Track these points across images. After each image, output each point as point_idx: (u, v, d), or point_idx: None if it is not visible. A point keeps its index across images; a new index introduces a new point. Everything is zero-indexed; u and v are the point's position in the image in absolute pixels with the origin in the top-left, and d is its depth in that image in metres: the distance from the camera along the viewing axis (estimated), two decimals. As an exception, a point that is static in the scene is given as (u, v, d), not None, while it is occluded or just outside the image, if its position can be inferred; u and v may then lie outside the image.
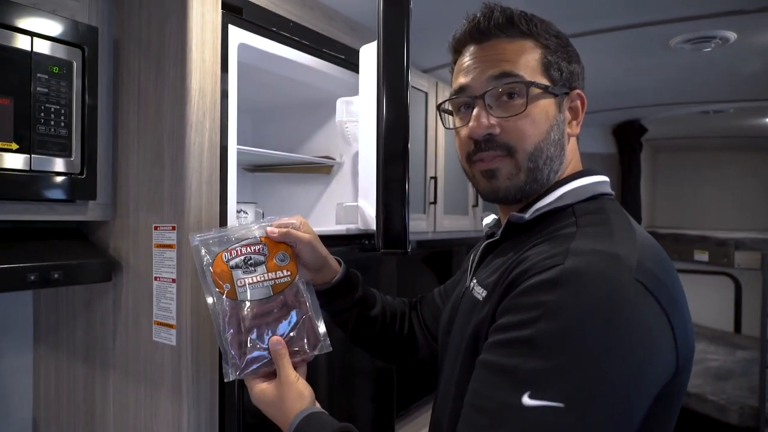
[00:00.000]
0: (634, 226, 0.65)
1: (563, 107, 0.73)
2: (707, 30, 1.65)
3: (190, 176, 1.05)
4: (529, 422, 0.48)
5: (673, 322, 0.55)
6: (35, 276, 1.04)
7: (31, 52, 1.01)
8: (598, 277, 0.53)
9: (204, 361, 1.07)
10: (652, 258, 0.59)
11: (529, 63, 0.70)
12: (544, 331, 0.51)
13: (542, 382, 0.49)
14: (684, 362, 0.58)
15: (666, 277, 0.58)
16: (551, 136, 0.71)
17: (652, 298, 0.54)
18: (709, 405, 2.94)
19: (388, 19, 0.87)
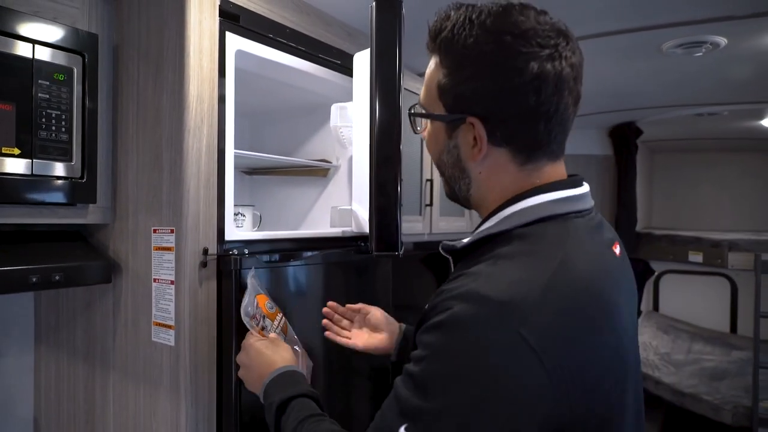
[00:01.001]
0: (568, 262, 0.58)
1: (456, 134, 0.68)
2: (698, 35, 1.68)
3: (189, 180, 1.07)
4: None
5: (554, 382, 0.53)
6: (36, 278, 1.06)
7: (33, 58, 1.03)
8: (479, 329, 0.54)
9: (202, 362, 1.09)
10: (553, 308, 0.55)
11: (431, 85, 0.70)
12: (427, 372, 0.55)
13: (418, 419, 0.54)
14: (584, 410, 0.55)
15: (562, 333, 0.54)
16: (444, 159, 0.71)
17: (533, 356, 0.52)
18: (704, 405, 2.97)
19: (381, 26, 0.90)
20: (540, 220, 0.63)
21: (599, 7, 1.51)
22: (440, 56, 0.67)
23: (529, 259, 0.59)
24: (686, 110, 2.80)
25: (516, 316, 0.53)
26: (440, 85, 0.67)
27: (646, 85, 2.39)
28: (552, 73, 0.61)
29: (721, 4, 1.48)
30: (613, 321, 0.60)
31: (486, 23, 0.63)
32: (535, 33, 0.62)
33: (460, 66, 0.65)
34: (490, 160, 0.67)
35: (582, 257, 0.60)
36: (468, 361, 0.54)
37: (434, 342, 0.56)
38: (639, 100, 2.71)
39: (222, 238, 1.14)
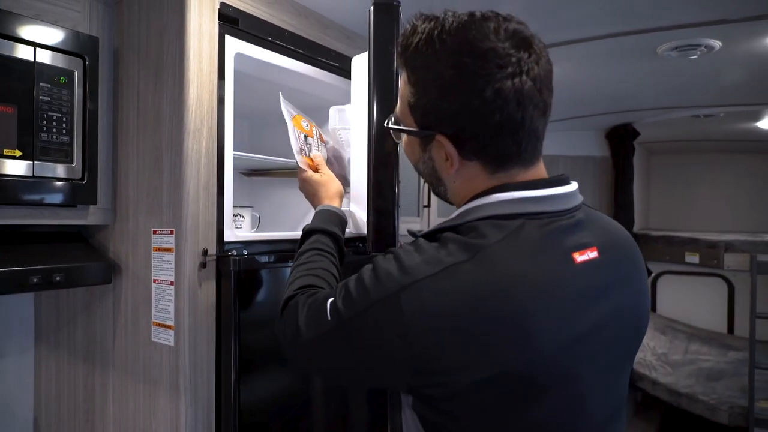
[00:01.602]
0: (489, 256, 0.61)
1: (429, 148, 0.71)
2: (693, 38, 1.69)
3: (188, 182, 1.08)
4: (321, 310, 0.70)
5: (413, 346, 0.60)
6: (37, 278, 1.07)
7: (34, 61, 1.04)
8: (383, 275, 0.64)
9: (201, 361, 1.10)
10: (444, 289, 0.60)
11: (403, 99, 0.73)
12: (348, 285, 0.69)
13: (334, 302, 0.68)
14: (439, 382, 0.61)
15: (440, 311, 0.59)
16: (420, 168, 0.77)
17: (399, 317, 0.60)
18: (700, 405, 2.98)
19: (378, 29, 0.91)
20: (486, 218, 0.65)
21: (596, 10, 1.52)
22: (407, 72, 0.70)
23: (454, 245, 0.63)
24: (683, 112, 2.82)
25: (407, 281, 0.61)
26: (410, 103, 0.70)
27: (642, 87, 2.40)
28: (512, 91, 0.62)
29: (715, 7, 1.49)
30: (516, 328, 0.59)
31: (447, 43, 0.64)
32: (494, 53, 0.62)
33: (425, 86, 0.67)
34: (463, 171, 0.69)
35: (507, 257, 0.61)
36: (363, 293, 0.65)
37: (363, 269, 0.69)
38: (636, 101, 2.72)
39: (221, 239, 1.15)
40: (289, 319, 0.77)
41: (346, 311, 0.67)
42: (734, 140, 3.82)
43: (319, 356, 0.74)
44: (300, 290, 0.81)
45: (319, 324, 0.70)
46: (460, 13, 0.67)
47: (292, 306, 0.78)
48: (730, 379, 3.17)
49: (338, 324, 0.67)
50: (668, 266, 3.91)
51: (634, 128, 3.27)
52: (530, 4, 1.50)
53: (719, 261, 2.95)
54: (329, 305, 0.69)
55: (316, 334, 0.71)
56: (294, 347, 0.75)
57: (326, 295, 0.72)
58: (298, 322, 0.73)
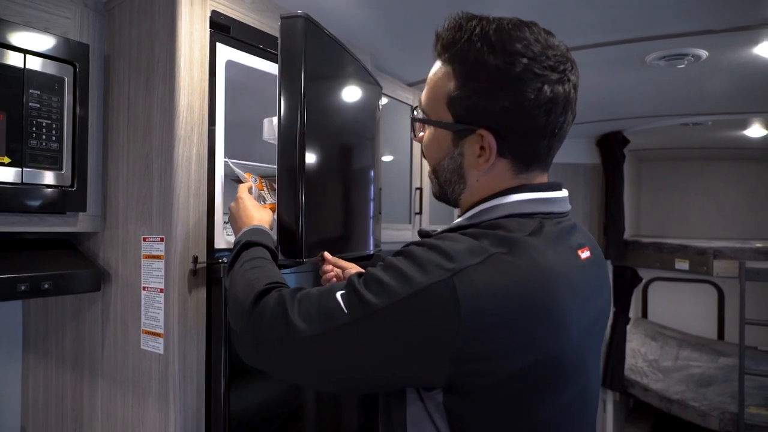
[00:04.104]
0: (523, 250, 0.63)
1: (463, 143, 0.71)
2: (680, 48, 1.72)
3: (179, 189, 1.08)
4: (329, 304, 0.66)
5: (463, 331, 0.59)
6: (25, 286, 1.06)
7: (24, 68, 1.04)
8: (426, 263, 0.62)
9: (191, 369, 1.10)
10: (492, 278, 0.60)
11: (438, 94, 0.72)
12: (373, 274, 0.65)
13: (350, 294, 0.65)
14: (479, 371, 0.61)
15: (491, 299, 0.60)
16: (444, 164, 0.75)
17: (454, 302, 0.59)
18: (691, 411, 3.00)
19: (285, 42, 0.96)
20: (507, 216, 0.69)
21: (585, 20, 1.54)
22: (453, 66, 0.70)
23: (487, 237, 0.64)
24: (672, 120, 2.85)
25: (457, 266, 0.60)
26: (451, 95, 0.70)
27: (631, 95, 2.43)
28: (562, 96, 0.67)
29: (701, 18, 1.52)
30: (552, 316, 0.63)
31: (502, 41, 0.66)
32: (547, 57, 0.66)
33: (475, 79, 0.68)
34: (492, 169, 0.71)
35: (537, 250, 0.64)
36: (404, 281, 0.61)
37: (390, 260, 0.66)
38: (625, 110, 2.75)
39: (212, 246, 1.15)
40: (270, 315, 0.70)
41: (381, 300, 0.62)
42: (723, 148, 3.87)
43: (325, 355, 0.66)
44: (272, 285, 0.77)
45: (330, 317, 0.65)
46: (507, 17, 0.70)
47: (272, 300, 0.72)
48: (721, 385, 3.19)
49: (367, 315, 0.62)
50: (658, 273, 3.93)
51: (624, 136, 3.30)
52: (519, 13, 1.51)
53: (709, 267, 2.98)
54: (340, 297, 0.65)
55: (326, 328, 0.65)
56: (282, 344, 0.69)
57: (327, 289, 0.69)
58: (290, 316, 0.68)
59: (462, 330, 0.59)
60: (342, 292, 0.66)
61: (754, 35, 1.61)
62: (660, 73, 1.96)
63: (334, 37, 1.10)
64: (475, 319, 0.59)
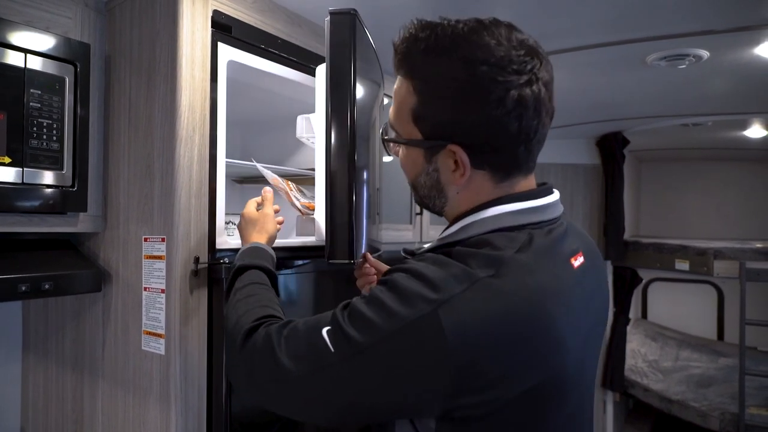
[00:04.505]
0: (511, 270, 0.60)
1: (435, 158, 0.68)
2: (681, 48, 1.71)
3: (180, 189, 1.08)
4: (317, 342, 0.62)
5: (455, 365, 0.56)
6: (26, 286, 1.06)
7: (25, 68, 1.04)
8: (410, 294, 0.59)
9: (192, 370, 1.09)
10: (477, 306, 0.58)
11: (403, 111, 0.68)
12: (357, 308, 0.62)
13: (336, 331, 0.62)
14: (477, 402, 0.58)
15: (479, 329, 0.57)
16: (421, 180, 0.71)
17: (441, 337, 0.56)
18: (691, 411, 3.00)
19: (334, 39, 0.92)
20: (494, 231, 0.65)
21: (586, 20, 1.54)
22: (412, 81, 0.66)
23: (472, 259, 0.61)
24: (672, 120, 2.85)
25: (442, 297, 0.57)
26: (415, 112, 0.67)
27: (632, 96, 2.43)
28: (531, 99, 0.62)
29: (702, 18, 1.52)
30: (544, 335, 0.60)
31: (460, 49, 0.62)
32: (510, 60, 0.61)
33: (436, 95, 0.64)
34: (470, 181, 0.68)
35: (525, 269, 0.61)
36: (388, 316, 0.59)
37: (375, 292, 0.63)
38: (625, 110, 2.75)
39: (213, 246, 1.14)
40: (259, 354, 0.68)
41: (366, 338, 0.59)
42: (722, 148, 3.87)
43: (316, 393, 0.63)
44: (261, 320, 0.73)
45: (317, 356, 0.62)
46: (465, 19, 0.65)
47: (260, 338, 0.69)
48: (721, 386, 3.19)
49: (353, 353, 0.59)
50: (658, 273, 3.93)
51: (624, 136, 3.30)
52: (521, 14, 1.51)
53: (709, 268, 2.98)
54: (326, 334, 0.62)
55: (314, 368, 0.62)
56: (272, 384, 0.66)
57: (313, 324, 0.65)
58: (278, 356, 0.65)
59: (451, 365, 0.56)
60: (328, 328, 0.63)
61: (756, 35, 1.61)
62: (661, 73, 1.96)
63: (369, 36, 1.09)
64: (464, 352, 0.56)
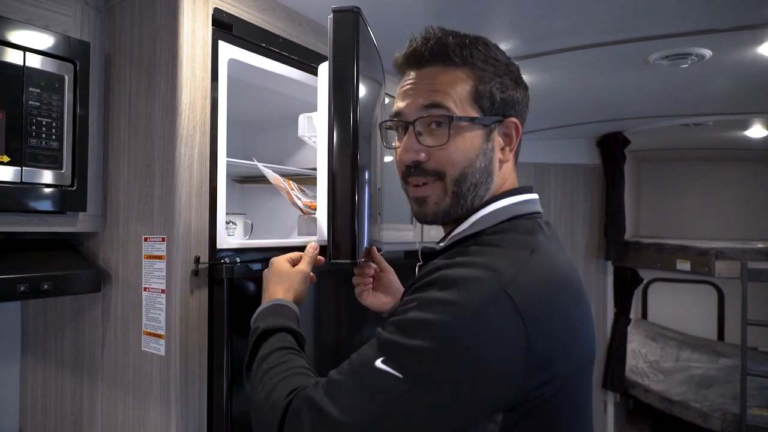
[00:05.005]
0: (541, 248, 0.66)
1: (493, 136, 0.74)
2: (684, 47, 1.71)
3: (180, 188, 1.07)
4: (373, 379, 0.59)
5: (531, 339, 0.58)
6: (25, 287, 1.05)
7: (24, 66, 1.03)
8: (468, 282, 0.59)
9: (193, 371, 1.08)
10: (534, 279, 0.61)
11: (460, 93, 0.72)
12: (411, 318, 0.60)
13: (394, 354, 0.59)
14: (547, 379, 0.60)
15: (543, 299, 0.60)
16: (477, 163, 0.73)
17: (515, 312, 0.57)
18: (692, 412, 2.99)
19: (338, 37, 0.92)
20: (509, 219, 0.72)
21: (588, 19, 1.53)
22: (469, 67, 0.73)
23: (507, 244, 0.66)
24: (672, 120, 2.84)
25: (502, 277, 0.60)
26: (476, 92, 0.73)
27: (633, 95, 2.42)
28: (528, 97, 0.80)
29: (705, 17, 1.51)
30: (581, 302, 0.68)
31: (489, 44, 0.76)
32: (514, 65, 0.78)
33: (495, 75, 0.74)
34: (507, 163, 0.78)
35: (549, 247, 0.69)
36: (454, 309, 0.58)
37: (422, 296, 0.62)
38: (626, 110, 2.74)
39: (214, 246, 1.13)
40: (311, 426, 0.60)
41: (436, 343, 0.57)
42: (723, 149, 3.87)
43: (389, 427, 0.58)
44: (294, 392, 0.66)
45: (381, 392, 0.57)
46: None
47: (303, 410, 0.62)
48: (722, 386, 3.19)
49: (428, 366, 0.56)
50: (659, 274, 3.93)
51: (625, 136, 3.29)
52: (523, 13, 1.50)
53: (710, 268, 2.97)
54: (383, 365, 0.58)
55: (383, 406, 0.57)
56: None
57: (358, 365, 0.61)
58: (331, 416, 0.59)
59: (530, 337, 0.57)
60: (382, 358, 0.58)
61: (758, 34, 1.60)
62: (662, 72, 1.95)
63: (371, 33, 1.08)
64: (538, 322, 0.58)
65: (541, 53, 1.81)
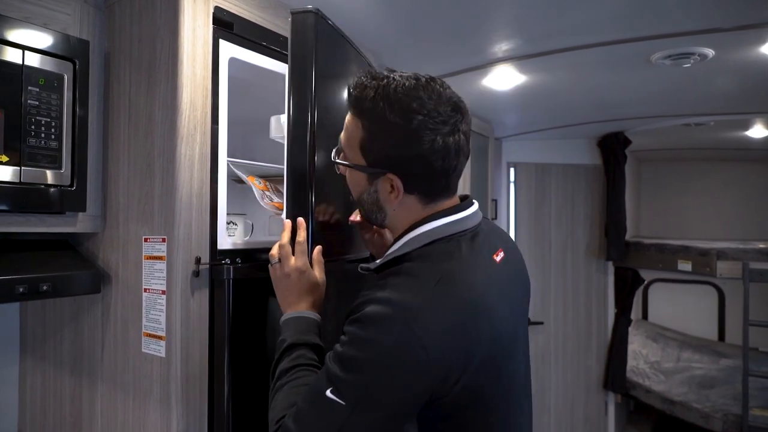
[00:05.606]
0: (449, 275, 0.77)
1: (376, 182, 0.84)
2: (686, 47, 1.70)
3: (181, 188, 1.06)
4: (324, 406, 0.73)
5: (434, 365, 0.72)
6: (24, 288, 1.04)
7: (22, 64, 1.02)
8: (384, 320, 0.73)
9: (193, 373, 1.07)
10: (436, 313, 0.73)
11: (353, 141, 0.84)
12: (346, 353, 0.74)
13: (337, 386, 0.73)
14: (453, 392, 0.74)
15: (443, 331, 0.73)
16: (364, 198, 0.87)
17: (420, 347, 0.71)
18: (694, 413, 2.98)
19: (295, 39, 0.95)
20: (432, 242, 0.82)
21: (590, 19, 1.52)
22: (362, 121, 0.82)
23: (421, 273, 0.77)
24: (674, 120, 2.84)
25: (409, 314, 0.72)
26: (363, 145, 0.83)
27: (634, 95, 2.41)
28: (453, 145, 0.80)
29: (708, 16, 1.50)
30: (488, 317, 0.77)
31: (400, 101, 0.78)
32: (438, 113, 0.78)
33: (381, 134, 0.81)
34: (403, 203, 0.84)
35: (462, 269, 0.79)
36: (374, 347, 0.72)
37: (352, 331, 0.75)
38: (628, 110, 2.73)
39: (214, 247, 1.13)
40: None
41: (362, 374, 0.72)
42: (724, 149, 3.86)
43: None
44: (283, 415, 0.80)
45: (330, 418, 0.72)
46: (406, 74, 0.82)
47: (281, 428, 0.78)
48: (723, 387, 3.18)
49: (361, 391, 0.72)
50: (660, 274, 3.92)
51: (626, 136, 3.28)
52: (524, 13, 1.50)
53: (712, 269, 2.96)
54: (331, 394, 0.73)
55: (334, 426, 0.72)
56: None
57: (315, 395, 0.75)
58: None
59: (433, 364, 0.71)
60: (330, 389, 0.73)
61: (762, 34, 1.59)
62: (665, 72, 1.95)
63: (343, 33, 1.08)
64: (440, 350, 0.72)
65: (542, 53, 1.80)
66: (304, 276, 0.94)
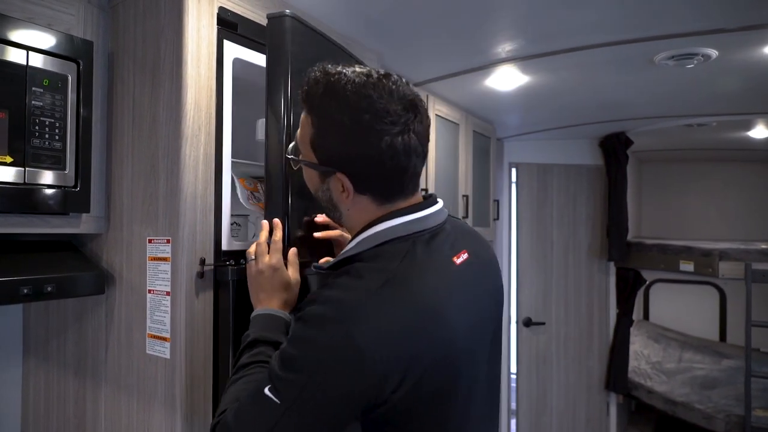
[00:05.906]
0: (398, 277, 0.73)
1: (328, 181, 0.82)
2: (690, 47, 1.70)
3: (186, 189, 1.06)
4: (261, 404, 0.72)
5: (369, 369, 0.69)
6: (28, 289, 1.04)
7: (27, 65, 1.02)
8: (325, 321, 0.71)
9: (198, 374, 1.07)
10: (379, 317, 0.71)
11: (305, 137, 0.83)
12: (286, 351, 0.73)
13: (275, 384, 0.72)
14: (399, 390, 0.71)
15: (383, 336, 0.70)
16: (319, 195, 0.86)
17: (356, 350, 0.68)
18: (696, 413, 2.98)
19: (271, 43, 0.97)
20: (385, 242, 0.79)
21: (593, 19, 1.52)
22: (312, 117, 0.80)
23: (367, 274, 0.74)
24: (676, 121, 2.83)
25: (348, 316, 0.70)
26: (313, 142, 0.81)
27: (637, 96, 2.41)
28: (401, 145, 0.76)
29: (713, 17, 1.50)
30: (438, 320, 0.74)
31: (349, 99, 0.75)
32: (388, 113, 0.75)
33: (329, 132, 0.79)
34: (356, 202, 0.82)
35: (412, 271, 0.75)
36: (309, 346, 0.71)
37: (294, 329, 0.75)
38: (630, 110, 2.73)
39: (219, 248, 1.12)
40: None
41: (298, 374, 0.70)
42: (726, 149, 3.86)
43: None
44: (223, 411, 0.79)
45: (266, 415, 0.71)
46: (360, 70, 0.78)
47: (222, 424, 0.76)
48: (725, 388, 3.18)
49: (297, 391, 0.70)
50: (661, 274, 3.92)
51: (628, 137, 3.28)
52: (527, 13, 1.49)
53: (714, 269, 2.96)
54: (269, 392, 0.71)
55: (269, 423, 0.71)
56: None
57: (253, 392, 0.74)
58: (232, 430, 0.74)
59: (368, 367, 0.68)
60: (269, 386, 0.72)
61: (765, 34, 1.59)
62: (668, 73, 1.94)
63: (325, 35, 1.08)
64: (378, 354, 0.69)
65: (545, 53, 1.80)
66: (277, 274, 0.93)
